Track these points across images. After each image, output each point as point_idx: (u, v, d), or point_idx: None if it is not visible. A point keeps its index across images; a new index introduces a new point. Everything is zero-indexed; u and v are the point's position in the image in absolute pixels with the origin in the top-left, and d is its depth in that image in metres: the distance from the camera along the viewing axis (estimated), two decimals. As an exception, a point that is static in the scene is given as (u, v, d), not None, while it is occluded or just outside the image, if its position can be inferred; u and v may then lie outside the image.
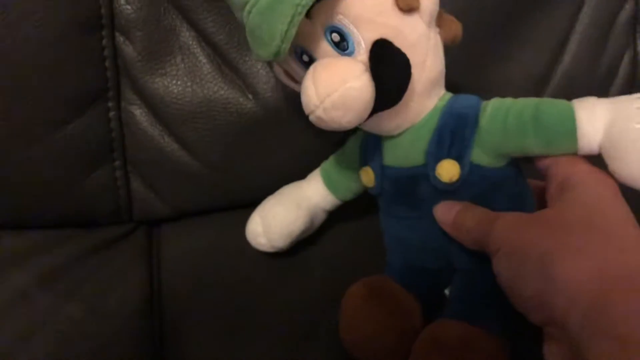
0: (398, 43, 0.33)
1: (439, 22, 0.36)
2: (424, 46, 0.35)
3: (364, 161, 0.41)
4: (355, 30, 0.33)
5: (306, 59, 0.35)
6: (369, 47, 0.33)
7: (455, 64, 0.38)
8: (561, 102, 0.33)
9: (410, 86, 0.33)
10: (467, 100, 0.36)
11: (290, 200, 0.45)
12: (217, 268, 0.47)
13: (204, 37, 0.47)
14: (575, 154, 0.32)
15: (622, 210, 0.30)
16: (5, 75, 0.43)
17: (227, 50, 0.47)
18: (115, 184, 0.50)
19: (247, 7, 0.33)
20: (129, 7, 0.45)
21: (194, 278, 0.48)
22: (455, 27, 0.37)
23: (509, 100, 0.35)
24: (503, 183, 0.36)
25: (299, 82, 0.38)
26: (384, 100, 0.33)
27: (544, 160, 0.34)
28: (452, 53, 0.37)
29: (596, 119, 0.31)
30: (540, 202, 0.36)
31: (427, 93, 0.36)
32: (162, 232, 0.53)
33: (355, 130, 0.37)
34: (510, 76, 0.50)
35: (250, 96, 0.47)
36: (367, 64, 0.32)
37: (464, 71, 0.48)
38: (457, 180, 0.35)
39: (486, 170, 0.35)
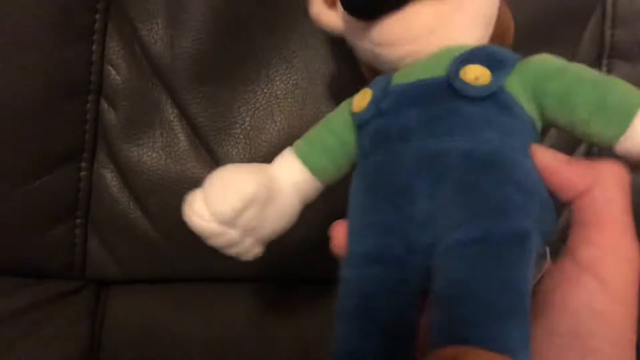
0: None
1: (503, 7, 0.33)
2: None
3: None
4: None
5: None
6: None
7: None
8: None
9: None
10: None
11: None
12: (160, 343, 0.48)
13: (185, 117, 0.48)
14: (611, 145, 0.27)
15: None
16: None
17: (206, 133, 0.48)
18: (72, 241, 0.50)
19: None
20: (118, 77, 0.47)
21: (134, 348, 0.48)
22: (510, 23, 0.35)
23: None
24: (529, 130, 0.28)
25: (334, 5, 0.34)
26: None
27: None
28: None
29: None
30: None
31: (470, 19, 0.31)
32: (111, 293, 0.53)
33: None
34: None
35: (220, 179, 0.49)
36: None
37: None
38: (485, 86, 0.27)
39: (515, 102, 0.28)
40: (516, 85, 0.28)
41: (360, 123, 0.31)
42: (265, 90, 0.48)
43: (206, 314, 0.51)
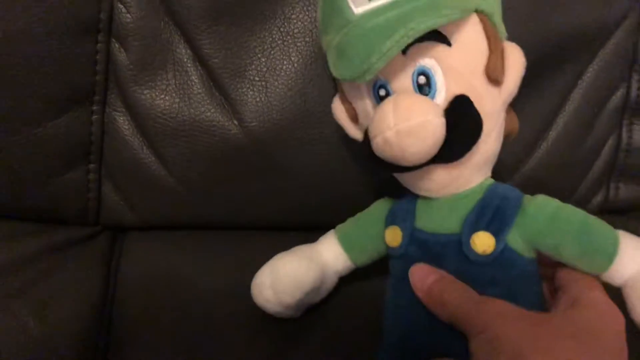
0: (476, 106, 0.34)
1: (507, 110, 0.37)
2: (494, 121, 0.35)
3: (391, 221, 0.40)
4: (442, 79, 0.34)
5: (382, 93, 0.35)
6: (450, 98, 0.33)
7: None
8: (608, 225, 0.34)
9: (470, 152, 0.34)
10: (510, 187, 0.37)
11: (303, 253, 0.42)
12: (174, 291, 0.47)
13: (199, 58, 0.46)
14: (597, 276, 0.33)
15: (619, 348, 0.30)
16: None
17: (220, 74, 0.46)
18: (86, 186, 0.49)
19: (345, 30, 0.33)
20: (129, 15, 0.45)
21: (148, 296, 0.47)
22: (515, 122, 0.39)
23: (558, 200, 0.35)
24: (530, 276, 0.35)
25: (358, 122, 0.39)
26: (446, 152, 0.33)
27: (565, 273, 0.35)
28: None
29: (637, 256, 0.32)
30: None
31: (479, 166, 0.36)
32: (126, 240, 0.52)
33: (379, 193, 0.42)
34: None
35: (235, 122, 0.47)
36: (443, 110, 0.33)
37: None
38: (490, 254, 0.34)
39: (517, 256, 0.35)
40: (517, 239, 0.34)
41: (393, 255, 0.39)
42: (281, 29, 0.46)
43: (223, 262, 0.50)
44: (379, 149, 0.33)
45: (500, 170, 0.51)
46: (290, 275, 0.40)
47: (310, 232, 0.48)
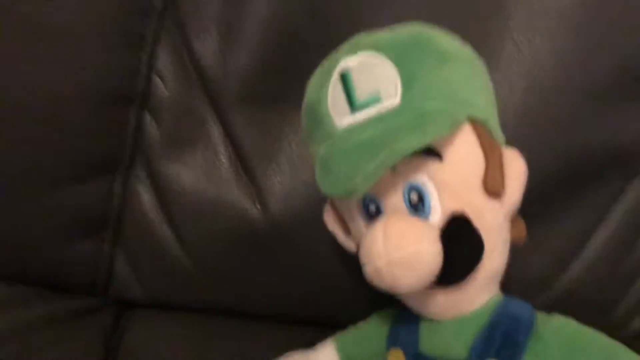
0: (476, 224, 0.31)
1: (512, 218, 0.34)
2: (496, 236, 0.33)
3: (393, 341, 0.36)
4: (436, 196, 0.31)
5: (373, 210, 0.33)
6: (447, 217, 0.31)
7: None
8: (631, 353, 0.31)
9: (473, 272, 0.31)
10: (521, 304, 0.34)
11: None
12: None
13: (230, 138, 0.46)
14: None
15: None
16: (24, 127, 0.43)
17: (249, 158, 0.45)
18: (99, 257, 0.48)
19: (329, 141, 0.31)
20: (165, 90, 0.45)
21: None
22: (521, 230, 0.36)
23: (575, 323, 0.32)
24: None
25: (350, 233, 0.36)
26: (446, 277, 0.30)
27: None
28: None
29: None
30: None
31: (484, 284, 0.33)
32: (132, 317, 0.50)
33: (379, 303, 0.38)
34: (529, 256, 0.48)
35: (258, 207, 0.46)
36: (439, 232, 0.30)
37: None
38: None
39: None
40: None
41: None
42: (315, 118, 0.45)
43: (225, 352, 0.48)
44: (370, 277, 0.30)
45: (530, 286, 0.49)
46: None
47: (318, 327, 0.46)
